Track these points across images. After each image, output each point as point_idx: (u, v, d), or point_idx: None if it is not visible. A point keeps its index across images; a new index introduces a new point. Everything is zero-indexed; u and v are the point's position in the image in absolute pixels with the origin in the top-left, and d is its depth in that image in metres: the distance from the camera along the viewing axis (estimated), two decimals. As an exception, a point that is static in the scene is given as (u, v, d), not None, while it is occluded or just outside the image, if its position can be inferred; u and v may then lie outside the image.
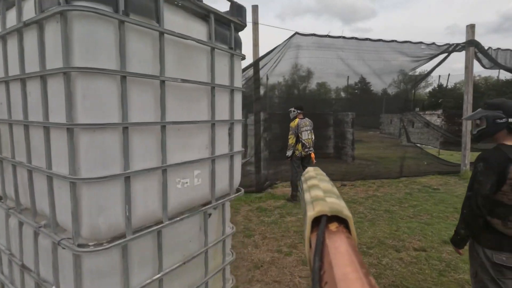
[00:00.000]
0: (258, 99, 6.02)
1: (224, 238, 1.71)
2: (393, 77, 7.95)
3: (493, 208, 1.61)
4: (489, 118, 1.68)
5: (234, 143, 1.66)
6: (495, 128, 1.67)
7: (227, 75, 1.56)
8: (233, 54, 1.56)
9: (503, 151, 1.61)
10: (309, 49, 6.36)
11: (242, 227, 4.11)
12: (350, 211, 0.37)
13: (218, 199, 1.58)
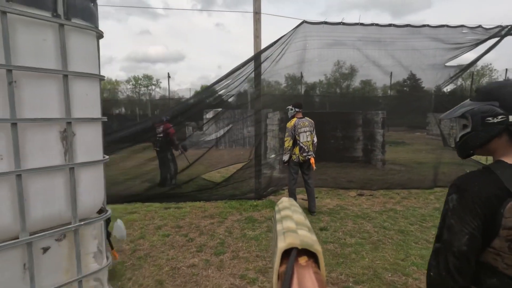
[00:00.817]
0: (259, 97, 5.46)
1: (79, 279, 1.23)
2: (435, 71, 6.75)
3: (480, 276, 0.91)
4: (476, 115, 0.97)
5: (78, 151, 1.18)
6: (485, 132, 0.95)
7: (52, 55, 1.09)
8: (62, 25, 1.09)
9: (495, 175, 0.90)
10: (321, 39, 5.62)
11: (218, 241, 3.62)
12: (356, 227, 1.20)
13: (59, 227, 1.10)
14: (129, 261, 3.14)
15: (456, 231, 0.89)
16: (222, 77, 5.34)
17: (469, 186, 0.91)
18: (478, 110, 0.95)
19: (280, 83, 16.25)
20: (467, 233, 0.87)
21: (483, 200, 0.86)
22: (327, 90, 18.71)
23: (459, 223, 0.89)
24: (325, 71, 11.37)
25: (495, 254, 0.86)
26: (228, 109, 11.96)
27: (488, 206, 0.86)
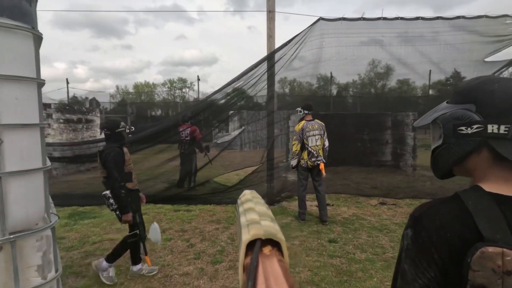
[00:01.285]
0: (272, 98, 5.26)
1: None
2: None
3: None
4: (447, 122, 0.70)
5: (7, 159, 1.11)
6: (458, 145, 0.68)
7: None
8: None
9: (465, 207, 0.63)
10: (338, 36, 5.27)
11: (218, 248, 3.49)
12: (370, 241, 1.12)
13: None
14: (125, 265, 3.13)
15: (409, 280, 0.66)
16: (234, 78, 5.23)
17: (428, 220, 0.66)
18: (449, 115, 0.70)
19: (311, 83, 15.86)
20: (421, 285, 0.64)
21: (443, 242, 0.63)
22: (360, 91, 17.94)
23: (412, 270, 0.66)
24: (359, 71, 10.88)
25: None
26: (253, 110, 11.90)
27: (450, 251, 0.62)
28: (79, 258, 3.28)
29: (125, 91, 46.27)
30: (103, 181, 2.69)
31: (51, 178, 8.06)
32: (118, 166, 2.65)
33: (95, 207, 5.18)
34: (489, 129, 0.63)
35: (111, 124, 2.79)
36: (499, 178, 0.65)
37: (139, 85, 47.84)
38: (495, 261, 0.55)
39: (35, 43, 1.21)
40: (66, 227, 4.21)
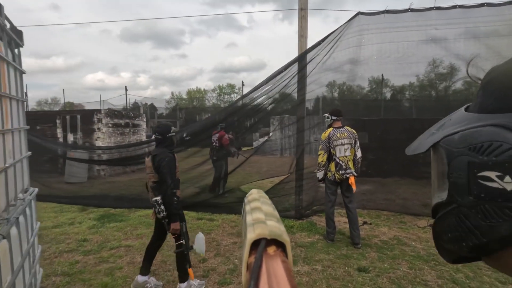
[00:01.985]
0: (302, 102, 4.84)
1: None
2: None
3: None
4: (459, 155, 0.33)
5: None
6: (482, 214, 0.31)
7: None
8: None
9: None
10: (380, 32, 4.64)
11: (230, 266, 3.20)
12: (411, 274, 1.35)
13: None
14: (133, 276, 3.02)
15: None
16: (262, 82, 4.93)
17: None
18: (463, 139, 0.35)
19: (362, 87, 14.89)
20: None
21: None
22: (418, 93, 16.38)
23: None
24: (417, 72, 9.88)
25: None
26: (286, 114, 11.45)
27: None
28: (93, 264, 3.28)
29: (179, 97, 49.38)
30: (152, 186, 2.59)
31: (98, 178, 8.70)
32: (171, 172, 2.59)
33: (125, 210, 5.32)
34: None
35: (162, 128, 2.72)
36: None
37: (192, 91, 50.60)
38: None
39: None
40: (93, 229, 4.33)
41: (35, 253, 2.01)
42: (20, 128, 1.84)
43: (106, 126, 9.24)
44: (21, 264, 1.53)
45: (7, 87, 1.60)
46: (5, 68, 1.58)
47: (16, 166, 1.66)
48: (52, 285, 2.86)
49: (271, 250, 0.36)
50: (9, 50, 1.72)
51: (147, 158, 2.70)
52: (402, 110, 14.02)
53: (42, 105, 41.16)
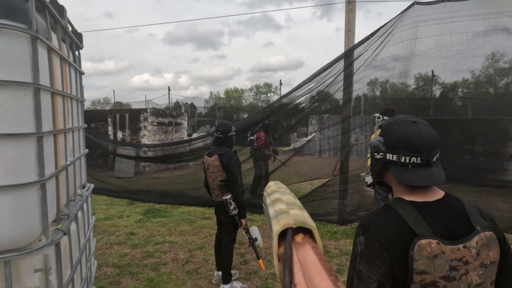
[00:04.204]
0: (348, 101, 4.57)
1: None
2: None
3: None
4: (372, 147, 0.96)
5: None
6: (375, 165, 0.95)
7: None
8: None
9: (398, 214, 0.82)
10: (439, 23, 4.20)
11: (273, 270, 3.10)
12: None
13: None
14: (176, 273, 3.07)
15: (365, 278, 0.78)
16: (306, 79, 4.76)
17: (375, 227, 0.82)
18: (373, 144, 0.95)
19: (407, 84, 13.95)
20: (375, 280, 0.77)
21: (389, 242, 0.79)
22: (473, 91, 14.93)
23: (367, 268, 0.78)
24: (473, 67, 9.04)
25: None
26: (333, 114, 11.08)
27: (395, 248, 0.78)
28: (140, 257, 3.40)
29: (217, 96, 50.67)
30: (220, 184, 2.65)
31: (143, 174, 9.17)
32: (240, 171, 2.67)
33: (168, 206, 5.50)
34: (387, 156, 0.89)
35: (224, 127, 2.75)
36: (406, 191, 0.88)
37: (229, 91, 51.58)
38: (427, 249, 0.76)
39: (33, 44, 1.10)
40: (139, 223, 4.53)
41: (90, 246, 2.09)
42: (79, 126, 1.92)
43: (151, 124, 9.72)
44: (79, 258, 1.58)
45: (68, 87, 1.66)
46: (67, 69, 1.64)
47: (75, 163, 1.73)
48: (104, 275, 3.01)
49: (299, 238, 0.36)
50: (70, 52, 1.79)
51: (210, 157, 2.70)
52: (454, 109, 12.79)
53: (96, 105, 44.97)
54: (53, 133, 1.29)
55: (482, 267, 0.79)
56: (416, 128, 0.87)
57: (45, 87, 1.17)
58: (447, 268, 0.76)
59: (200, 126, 23.01)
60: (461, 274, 0.77)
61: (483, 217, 0.84)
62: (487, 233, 0.80)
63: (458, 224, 0.81)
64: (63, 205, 1.47)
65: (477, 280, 0.78)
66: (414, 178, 0.84)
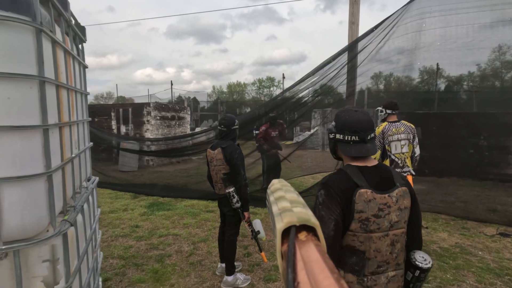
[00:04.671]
0: (352, 94, 4.54)
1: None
2: None
3: (344, 258, 1.14)
4: (327, 130, 1.30)
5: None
6: (329, 144, 1.30)
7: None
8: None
9: (346, 173, 1.17)
10: (445, 14, 4.14)
11: (276, 263, 3.13)
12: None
13: None
14: (181, 264, 3.11)
15: (326, 220, 1.08)
16: (309, 73, 4.73)
17: (332, 182, 1.15)
18: (328, 128, 1.27)
19: (411, 78, 13.77)
20: (333, 220, 1.08)
21: (341, 191, 1.11)
22: (479, 84, 14.75)
23: (327, 212, 1.09)
24: (478, 60, 8.93)
25: (352, 235, 1.11)
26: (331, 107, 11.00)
27: (345, 196, 1.10)
28: (144, 249, 3.45)
29: (220, 90, 50.52)
30: (224, 177, 2.66)
31: (147, 168, 9.24)
32: (243, 164, 2.69)
33: (172, 199, 5.55)
34: (337, 136, 1.21)
35: (227, 121, 2.75)
36: (351, 161, 1.21)
37: (232, 85, 51.37)
38: (364, 196, 1.09)
39: (37, 36, 1.10)
40: (144, 216, 4.58)
41: (96, 238, 2.13)
42: (84, 120, 1.94)
43: (154, 118, 9.75)
44: (86, 249, 1.61)
45: (73, 80, 1.67)
46: (71, 63, 1.65)
47: (80, 156, 1.75)
48: (109, 267, 3.07)
49: (302, 236, 0.36)
50: (74, 45, 1.80)
51: (213, 150, 2.72)
52: (459, 103, 12.64)
53: (99, 99, 45.11)
54: (58, 125, 1.30)
55: (399, 210, 1.13)
56: (356, 115, 1.19)
57: (50, 80, 1.18)
58: (377, 209, 1.09)
59: (203, 121, 23.03)
60: (385, 214, 1.10)
61: (402, 179, 1.20)
62: (403, 188, 1.16)
63: (386, 181, 1.16)
64: (69, 197, 1.50)
65: (395, 218, 1.12)
66: (354, 151, 1.18)
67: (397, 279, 1.15)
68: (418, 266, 1.12)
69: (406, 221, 1.15)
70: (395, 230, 1.13)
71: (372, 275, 1.12)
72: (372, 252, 1.10)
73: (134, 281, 2.79)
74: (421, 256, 1.15)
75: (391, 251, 1.12)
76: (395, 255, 1.14)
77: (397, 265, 1.15)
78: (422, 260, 1.13)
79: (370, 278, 1.11)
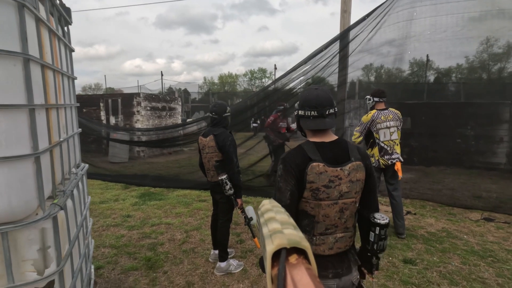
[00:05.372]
0: (343, 84, 4.56)
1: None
2: None
3: (299, 221, 1.30)
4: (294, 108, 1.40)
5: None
6: (296, 120, 1.38)
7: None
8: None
9: (303, 149, 1.28)
10: (436, 2, 4.15)
11: (259, 256, 3.17)
12: (465, 270, 1.40)
13: None
14: (173, 252, 3.12)
15: (283, 191, 1.23)
16: (301, 62, 4.71)
17: (289, 157, 1.27)
18: (295, 105, 1.38)
19: (402, 69, 13.81)
20: (289, 190, 1.22)
21: (296, 165, 1.23)
22: (467, 76, 14.98)
23: (284, 184, 1.23)
24: (467, 52, 8.98)
25: (305, 202, 1.25)
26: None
27: (299, 169, 1.22)
28: (137, 238, 3.44)
29: (211, 82, 49.95)
30: (216, 165, 2.65)
31: (138, 159, 9.13)
32: (236, 151, 2.68)
33: (164, 189, 5.52)
34: (299, 112, 1.31)
35: (219, 108, 2.72)
36: (312, 135, 1.32)
37: (223, 76, 50.82)
38: (316, 168, 1.21)
39: (20, 12, 1.06)
40: (135, 206, 4.55)
41: (87, 225, 2.11)
42: (72, 104, 1.89)
43: (144, 109, 9.59)
44: (77, 234, 1.59)
45: (59, 62, 1.62)
46: (56, 44, 1.59)
47: (69, 141, 1.71)
48: (101, 255, 3.05)
49: (293, 259, 0.35)
50: (59, 26, 1.74)
51: (205, 138, 2.70)
52: (448, 94, 12.84)
53: (87, 91, 44.05)
54: (45, 107, 1.27)
55: (350, 182, 1.23)
56: (315, 92, 1.29)
57: (35, 58, 1.14)
58: (327, 180, 1.21)
59: (194, 112, 22.80)
60: (336, 185, 1.22)
61: (359, 153, 1.28)
62: (357, 162, 1.24)
63: (341, 156, 1.25)
64: (58, 181, 1.47)
65: (345, 189, 1.23)
66: (312, 125, 1.28)
67: (345, 240, 1.29)
68: (376, 222, 1.24)
69: (357, 192, 1.25)
70: (345, 199, 1.24)
71: (320, 235, 1.26)
72: (321, 217, 1.24)
73: (127, 269, 2.79)
74: (380, 214, 1.28)
75: (339, 217, 1.25)
76: (343, 220, 1.27)
77: (346, 229, 1.29)
78: (380, 217, 1.26)
79: (318, 238, 1.26)
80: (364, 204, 1.32)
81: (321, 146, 1.27)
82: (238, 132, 6.23)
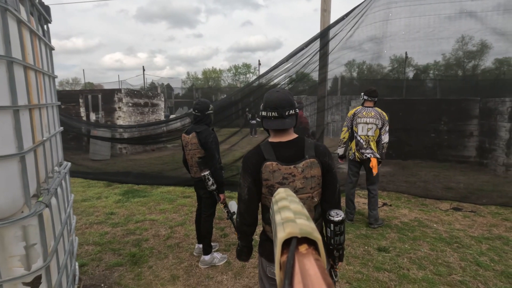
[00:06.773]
0: (323, 81, 4.70)
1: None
2: None
3: (263, 213, 1.42)
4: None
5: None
6: (261, 121, 1.46)
7: None
8: None
9: (260, 149, 1.38)
10: (409, 4, 4.35)
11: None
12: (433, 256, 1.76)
13: None
14: (158, 247, 3.17)
15: (242, 186, 1.38)
16: (283, 59, 4.81)
17: (247, 158, 1.39)
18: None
19: (383, 66, 14.15)
20: (246, 186, 1.36)
21: (253, 164, 1.35)
22: (443, 73, 15.57)
23: (243, 181, 1.37)
24: (443, 50, 9.26)
25: (264, 197, 1.36)
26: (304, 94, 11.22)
27: (255, 168, 1.34)
28: (121, 235, 3.46)
29: (194, 77, 49.26)
30: (198, 161, 2.71)
31: (120, 156, 9.00)
32: (218, 148, 2.74)
33: (148, 186, 5.51)
34: (262, 113, 1.38)
35: (201, 105, 2.76)
36: (272, 135, 1.41)
37: (207, 71, 50.23)
38: (269, 167, 1.31)
39: (2, 15, 1.08)
40: (118, 203, 4.54)
41: (71, 222, 2.13)
42: (53, 103, 1.90)
43: (126, 105, 9.43)
44: (61, 231, 1.63)
45: (40, 62, 1.63)
46: (37, 44, 1.61)
47: (51, 140, 1.73)
48: (85, 253, 3.06)
49: (303, 249, 0.35)
50: (39, 26, 1.74)
51: (188, 135, 2.75)
52: (426, 90, 13.38)
53: (64, 85, 42.36)
54: (28, 107, 1.30)
55: (304, 179, 1.31)
56: (276, 94, 1.36)
57: (18, 60, 1.17)
58: (281, 177, 1.30)
59: (178, 108, 22.52)
60: (289, 182, 1.30)
61: (316, 151, 1.34)
62: (311, 159, 1.32)
63: (295, 155, 1.33)
64: (42, 180, 1.50)
65: (299, 185, 1.31)
66: (273, 124, 1.35)
67: None
68: (330, 220, 1.30)
69: (313, 187, 1.33)
70: (301, 195, 1.32)
71: None
72: None
73: (112, 265, 2.82)
74: (335, 212, 1.31)
75: None
76: None
77: None
78: (335, 215, 1.30)
79: None
80: (323, 199, 1.39)
81: (278, 145, 1.35)
82: (222, 128, 6.30)
